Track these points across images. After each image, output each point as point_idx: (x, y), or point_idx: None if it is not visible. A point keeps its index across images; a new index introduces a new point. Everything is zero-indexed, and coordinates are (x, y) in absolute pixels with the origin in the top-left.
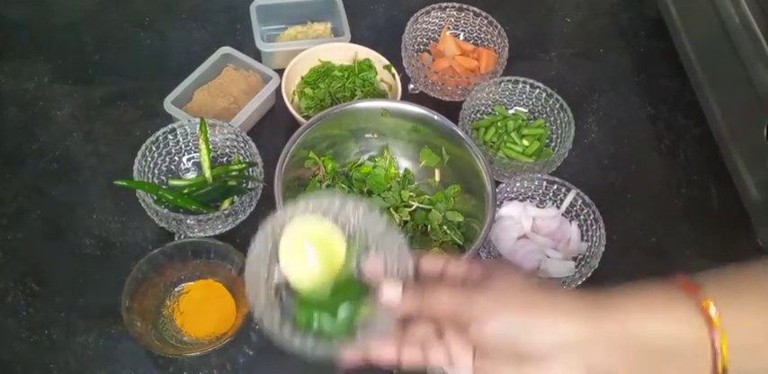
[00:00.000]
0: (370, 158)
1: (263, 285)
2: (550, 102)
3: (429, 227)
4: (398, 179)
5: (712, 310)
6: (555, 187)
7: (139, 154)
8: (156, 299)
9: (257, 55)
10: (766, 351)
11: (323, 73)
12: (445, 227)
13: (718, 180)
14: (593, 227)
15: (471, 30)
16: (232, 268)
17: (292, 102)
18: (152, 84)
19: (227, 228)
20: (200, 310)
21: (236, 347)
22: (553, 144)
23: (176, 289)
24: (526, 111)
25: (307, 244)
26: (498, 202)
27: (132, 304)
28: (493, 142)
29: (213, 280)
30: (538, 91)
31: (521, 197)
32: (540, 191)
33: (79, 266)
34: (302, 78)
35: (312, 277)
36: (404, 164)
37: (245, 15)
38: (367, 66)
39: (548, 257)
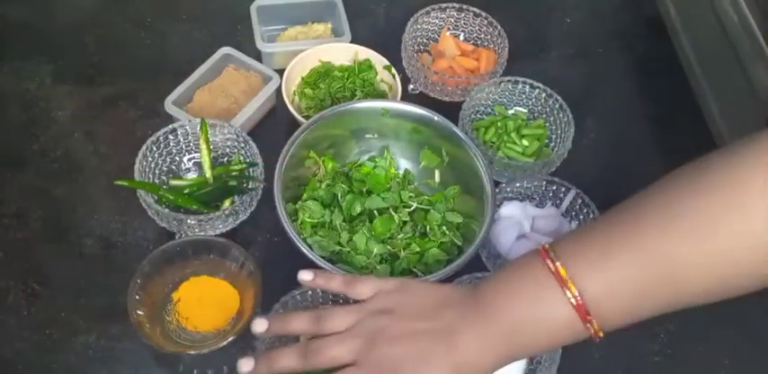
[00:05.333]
0: (371, 158)
1: None
2: (550, 102)
3: (428, 227)
4: (398, 179)
5: (562, 271)
6: (555, 187)
7: (140, 154)
8: (160, 295)
9: (258, 55)
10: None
11: (323, 73)
12: (444, 228)
13: None
14: None
15: (471, 30)
16: (234, 264)
17: (292, 102)
18: (153, 84)
19: (228, 228)
20: (202, 303)
21: (237, 347)
22: (553, 144)
23: (179, 284)
24: (526, 111)
25: None
26: (498, 202)
27: (141, 299)
28: (493, 142)
29: (217, 278)
30: (537, 91)
31: (520, 197)
32: (540, 191)
33: (80, 266)
34: (302, 78)
35: None
36: (404, 164)
37: (246, 16)
38: (367, 66)
39: None
